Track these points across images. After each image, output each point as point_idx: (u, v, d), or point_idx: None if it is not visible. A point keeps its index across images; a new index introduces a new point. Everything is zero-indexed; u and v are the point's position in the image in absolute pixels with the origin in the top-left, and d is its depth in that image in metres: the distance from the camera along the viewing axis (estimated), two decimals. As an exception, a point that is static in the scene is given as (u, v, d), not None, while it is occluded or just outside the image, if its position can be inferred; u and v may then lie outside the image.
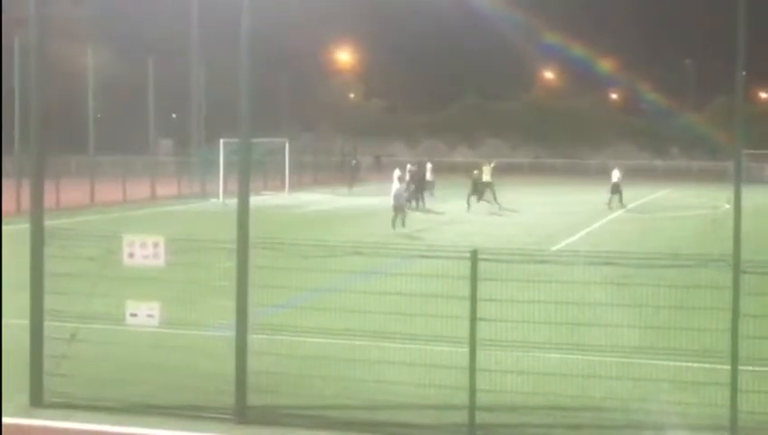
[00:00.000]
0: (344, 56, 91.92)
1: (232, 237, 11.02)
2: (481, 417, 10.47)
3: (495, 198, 42.45)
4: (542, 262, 12.85)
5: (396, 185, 34.47)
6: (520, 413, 11.08)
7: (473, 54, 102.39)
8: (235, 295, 10.91)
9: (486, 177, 44.09)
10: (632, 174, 68.86)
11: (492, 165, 45.01)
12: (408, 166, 45.22)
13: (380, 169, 49.64)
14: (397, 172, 38.05)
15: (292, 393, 11.37)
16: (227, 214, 14.30)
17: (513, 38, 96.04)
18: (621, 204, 43.83)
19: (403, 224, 32.41)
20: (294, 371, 11.82)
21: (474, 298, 10.52)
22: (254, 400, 10.90)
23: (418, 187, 43.50)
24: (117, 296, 11.67)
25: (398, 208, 32.96)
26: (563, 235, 30.86)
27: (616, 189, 44.43)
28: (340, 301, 14.87)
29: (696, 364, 12.00)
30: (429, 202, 44.44)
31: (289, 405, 11.14)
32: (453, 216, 38.93)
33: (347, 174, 60.99)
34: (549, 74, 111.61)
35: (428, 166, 49.90)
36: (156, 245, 11.17)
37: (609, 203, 43.47)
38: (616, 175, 44.87)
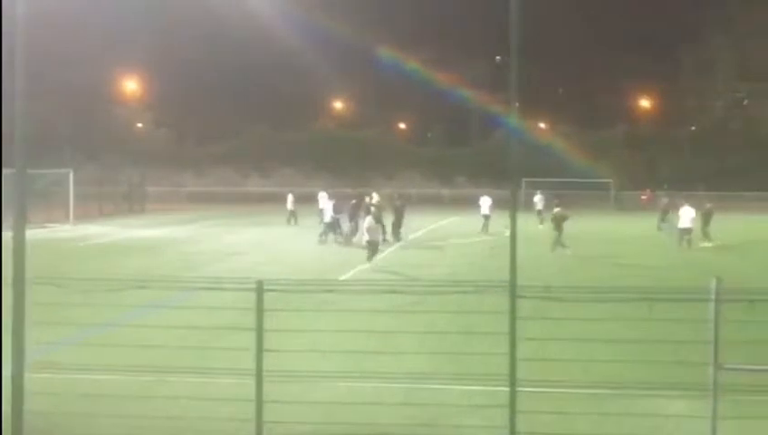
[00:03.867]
0: (131, 85, 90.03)
1: (10, 272, 10.55)
2: (269, 449, 10.41)
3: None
4: (330, 291, 12.99)
5: (368, 218, 31.91)
6: (308, 443, 11.09)
7: (261, 85, 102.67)
8: (11, 333, 10.42)
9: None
10: (419, 202, 70.60)
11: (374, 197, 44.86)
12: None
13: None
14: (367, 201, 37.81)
15: (74, 434, 10.97)
16: (5, 248, 13.71)
17: (302, 69, 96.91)
18: (487, 231, 44.40)
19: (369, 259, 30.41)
20: (76, 410, 11.42)
21: (260, 329, 10.46)
22: (32, 442, 10.45)
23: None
24: None
25: (373, 244, 30.82)
26: (351, 264, 31.11)
27: (487, 219, 45.50)
28: (124, 336, 14.50)
29: (478, 387, 12.38)
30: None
31: (70, 446, 10.76)
32: (243, 247, 38.67)
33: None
34: (338, 105, 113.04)
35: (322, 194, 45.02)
36: None
37: (484, 230, 44.48)
38: (486, 203, 46.00)
